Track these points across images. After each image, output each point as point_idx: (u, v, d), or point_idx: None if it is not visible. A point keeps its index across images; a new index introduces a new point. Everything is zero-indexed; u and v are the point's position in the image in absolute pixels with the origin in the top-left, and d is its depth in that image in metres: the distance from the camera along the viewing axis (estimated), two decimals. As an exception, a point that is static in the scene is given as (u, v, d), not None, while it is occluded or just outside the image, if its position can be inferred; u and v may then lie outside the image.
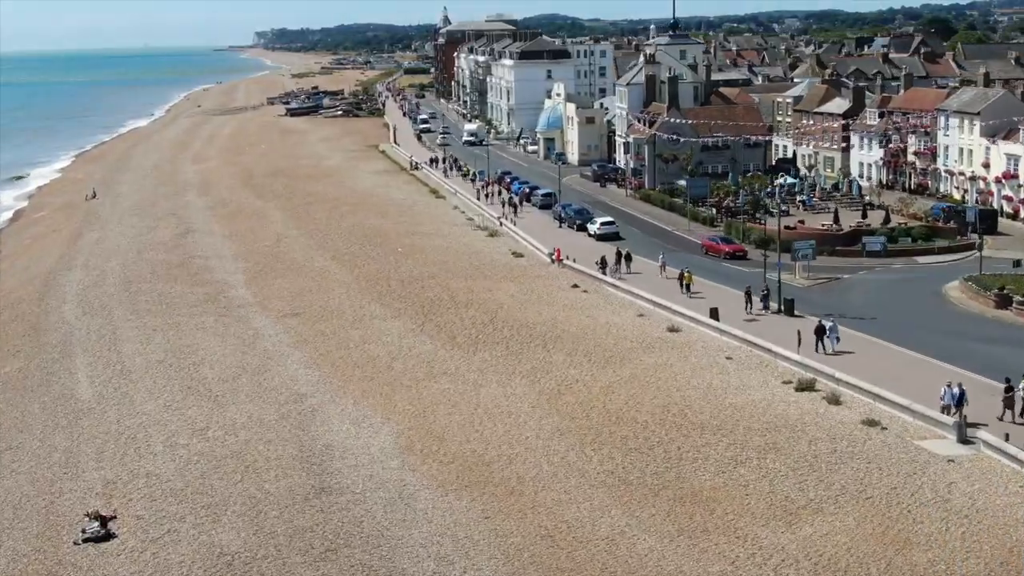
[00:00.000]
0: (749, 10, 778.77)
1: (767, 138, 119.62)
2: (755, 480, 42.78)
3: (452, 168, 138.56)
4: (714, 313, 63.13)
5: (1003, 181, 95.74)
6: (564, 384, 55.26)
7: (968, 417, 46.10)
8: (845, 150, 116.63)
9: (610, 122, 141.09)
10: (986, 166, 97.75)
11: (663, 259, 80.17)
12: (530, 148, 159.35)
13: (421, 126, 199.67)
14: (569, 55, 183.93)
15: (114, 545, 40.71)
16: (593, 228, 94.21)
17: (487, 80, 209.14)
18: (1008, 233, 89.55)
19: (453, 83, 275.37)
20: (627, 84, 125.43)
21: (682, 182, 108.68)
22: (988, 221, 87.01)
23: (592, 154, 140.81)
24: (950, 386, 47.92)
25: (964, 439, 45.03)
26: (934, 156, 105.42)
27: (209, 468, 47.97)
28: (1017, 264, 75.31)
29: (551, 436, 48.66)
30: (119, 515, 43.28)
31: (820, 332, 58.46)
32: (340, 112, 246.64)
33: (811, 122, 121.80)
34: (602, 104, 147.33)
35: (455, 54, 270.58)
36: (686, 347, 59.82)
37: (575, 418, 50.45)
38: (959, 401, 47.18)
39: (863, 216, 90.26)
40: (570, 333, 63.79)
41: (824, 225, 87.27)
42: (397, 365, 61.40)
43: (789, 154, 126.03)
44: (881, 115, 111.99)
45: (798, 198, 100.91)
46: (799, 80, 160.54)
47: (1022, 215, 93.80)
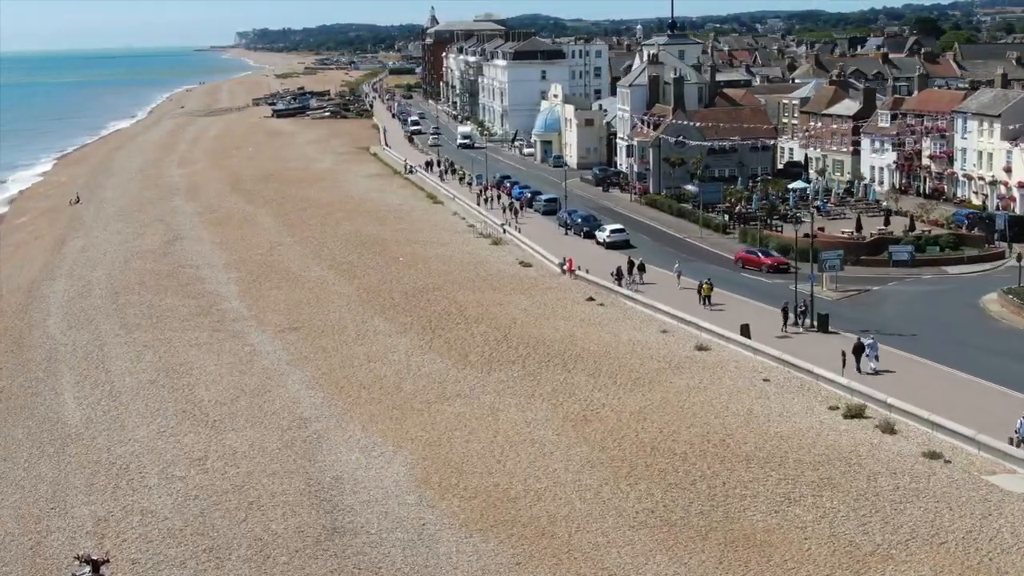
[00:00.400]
0: (731, 10, 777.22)
1: (774, 141, 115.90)
2: (813, 521, 38.96)
3: (448, 172, 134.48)
4: (745, 330, 59.21)
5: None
6: (590, 409, 51.36)
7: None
8: (855, 153, 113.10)
9: (610, 124, 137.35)
10: (1008, 170, 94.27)
11: (678, 268, 76.55)
12: (526, 151, 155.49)
13: (412, 128, 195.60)
14: (564, 55, 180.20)
15: (108, 596, 36.80)
16: (602, 236, 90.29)
17: (479, 81, 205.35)
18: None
19: (442, 84, 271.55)
20: (629, 85, 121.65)
21: (690, 187, 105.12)
22: (1016, 228, 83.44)
23: (591, 157, 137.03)
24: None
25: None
26: (951, 160, 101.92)
27: (209, 504, 44.00)
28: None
29: (581, 468, 44.79)
30: (112, 559, 39.16)
31: (859, 350, 54.76)
32: (328, 113, 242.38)
33: (819, 124, 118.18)
34: (601, 106, 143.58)
35: (443, 54, 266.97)
36: (718, 368, 55.93)
37: (606, 448, 46.56)
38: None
39: (885, 223, 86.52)
40: (591, 351, 59.86)
41: (845, 232, 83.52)
42: (406, 386, 57.49)
43: (795, 157, 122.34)
44: (893, 117, 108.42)
45: (812, 204, 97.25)
46: (801, 81, 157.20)
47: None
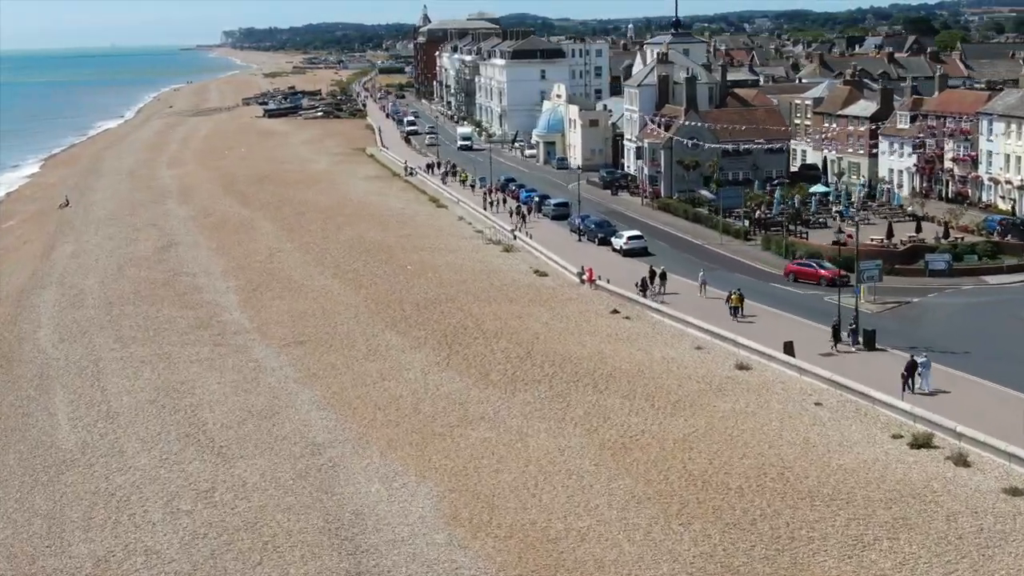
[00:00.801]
0: (717, 10, 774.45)
1: (789, 143, 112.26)
2: (892, 569, 35.26)
3: (449, 174, 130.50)
4: (788, 348, 55.36)
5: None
6: (628, 436, 47.54)
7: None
8: (872, 155, 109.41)
9: (615, 125, 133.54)
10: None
11: (703, 277, 72.81)
12: (527, 152, 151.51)
13: (408, 128, 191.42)
14: (564, 54, 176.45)
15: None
16: (619, 243, 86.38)
17: (475, 80, 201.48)
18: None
19: (435, 83, 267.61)
20: (638, 85, 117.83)
21: (705, 192, 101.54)
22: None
23: (596, 159, 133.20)
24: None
25: None
26: (975, 163, 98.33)
27: (220, 545, 40.22)
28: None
29: (626, 504, 41.01)
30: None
31: (911, 369, 51.07)
32: (320, 113, 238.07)
33: (834, 125, 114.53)
34: (605, 106, 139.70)
35: (436, 53, 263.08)
36: (763, 390, 52.09)
37: (651, 481, 42.77)
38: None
39: (916, 230, 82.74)
40: (622, 370, 55.99)
41: (874, 240, 79.74)
42: (425, 407, 53.66)
43: (808, 159, 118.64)
44: (913, 118, 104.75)
45: (834, 209, 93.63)
46: (809, 81, 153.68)
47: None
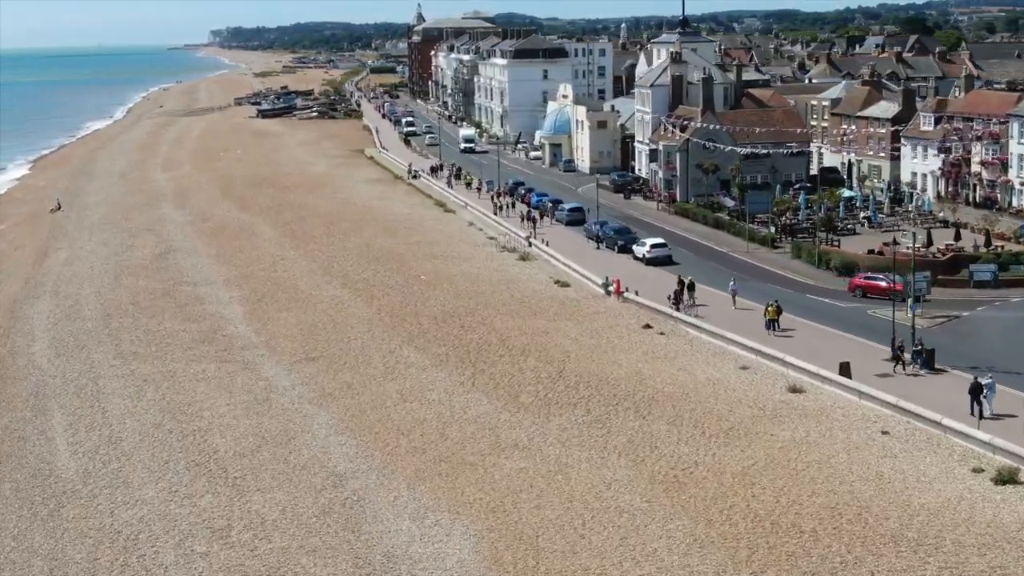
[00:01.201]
0: (706, 10, 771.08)
1: (809, 145, 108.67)
2: (996, 627, 31.59)
3: (455, 177, 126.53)
4: (845, 369, 51.53)
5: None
6: (680, 468, 43.76)
7: None
8: (894, 158, 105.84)
9: (624, 126, 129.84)
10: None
11: (734, 287, 69.09)
12: (532, 154, 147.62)
13: (406, 129, 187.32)
14: (566, 54, 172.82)
15: None
16: (642, 251, 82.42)
17: (474, 80, 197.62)
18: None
19: (430, 83, 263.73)
20: (650, 85, 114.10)
21: (725, 196, 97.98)
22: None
23: (604, 161, 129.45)
24: None
25: None
26: (1004, 167, 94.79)
27: (241, 594, 36.45)
28: None
29: (688, 549, 37.26)
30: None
31: (976, 392, 47.43)
32: (315, 114, 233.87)
33: (853, 127, 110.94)
34: (613, 107, 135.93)
35: (432, 53, 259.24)
36: (822, 416, 48.23)
37: (712, 522, 39.00)
38: None
39: (955, 237, 79.00)
40: (665, 393, 52.15)
41: (909, 248, 75.76)
42: (452, 432, 49.87)
43: (825, 162, 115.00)
44: (937, 120, 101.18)
45: (861, 215, 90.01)
46: (819, 81, 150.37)
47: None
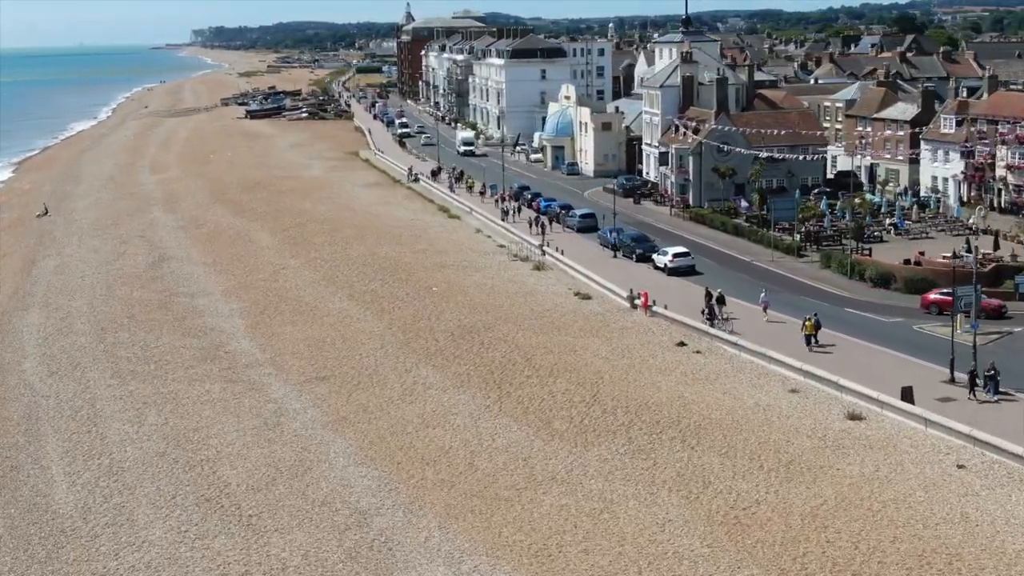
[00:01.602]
0: (691, 10, 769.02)
1: (826, 148, 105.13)
2: None
3: (457, 181, 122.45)
4: (907, 394, 47.71)
5: None
6: (740, 507, 39.96)
7: None
8: (913, 162, 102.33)
9: (629, 128, 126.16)
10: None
11: (765, 299, 65.44)
12: (533, 157, 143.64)
13: (400, 131, 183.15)
14: (564, 53, 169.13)
15: None
16: (663, 260, 78.35)
17: (468, 80, 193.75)
18: None
19: (421, 83, 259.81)
20: (660, 86, 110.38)
21: (742, 201, 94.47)
22: None
23: (609, 164, 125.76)
24: None
25: None
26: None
27: (267, 656, 32.63)
28: None
29: (763, 602, 33.54)
30: None
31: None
32: (305, 114, 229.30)
33: (869, 129, 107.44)
34: (617, 108, 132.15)
35: (422, 52, 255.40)
36: (889, 447, 44.33)
37: (786, 572, 35.26)
38: None
39: (995, 246, 75.25)
40: (712, 419, 48.28)
41: (947, 258, 72.32)
42: (481, 463, 46.06)
43: (839, 165, 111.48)
44: (959, 122, 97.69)
45: (887, 221, 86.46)
46: (826, 81, 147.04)
47: None
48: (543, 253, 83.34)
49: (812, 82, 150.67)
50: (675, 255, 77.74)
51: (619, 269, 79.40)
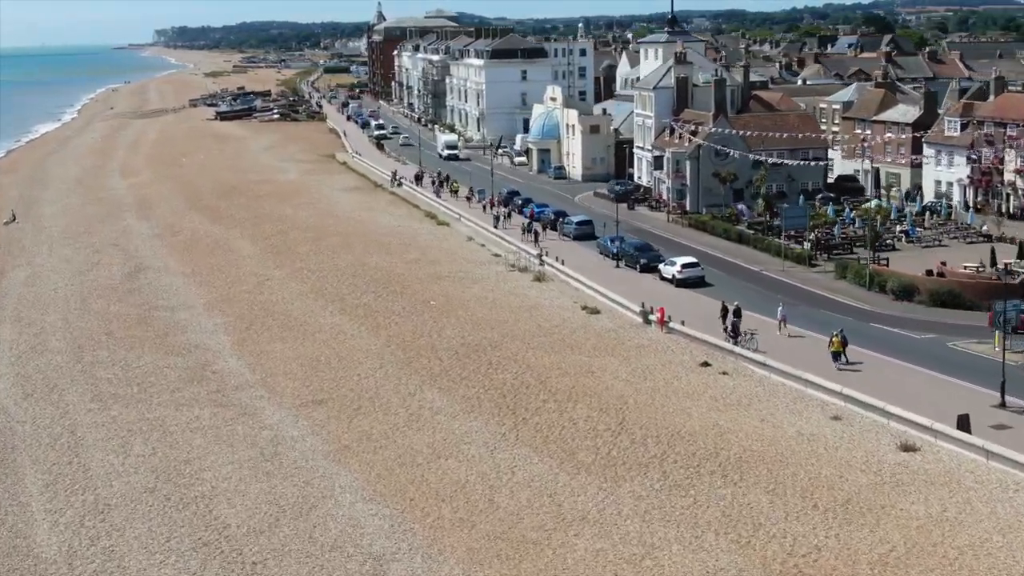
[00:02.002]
0: (654, 10, 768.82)
1: (827, 152, 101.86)
2: None
3: (443, 185, 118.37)
4: (963, 422, 44.04)
5: None
6: (799, 553, 36.28)
7: None
8: (916, 166, 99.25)
9: (617, 131, 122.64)
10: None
11: (782, 313, 61.95)
12: (517, 160, 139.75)
13: (376, 132, 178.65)
14: (546, 54, 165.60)
15: None
16: (671, 271, 74.29)
17: (445, 81, 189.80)
18: None
19: (394, 84, 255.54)
20: (653, 88, 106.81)
21: (743, 207, 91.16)
22: None
23: (598, 168, 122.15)
24: None
25: None
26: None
27: None
28: None
29: (842, 668, 29.90)
30: None
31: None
32: (276, 116, 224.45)
33: (869, 132, 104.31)
34: (605, 110, 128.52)
35: (395, 52, 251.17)
36: (951, 483, 40.56)
37: (864, 630, 31.67)
38: None
39: (1020, 255, 71.70)
40: (753, 451, 44.49)
41: (968, 268, 69.07)
42: (503, 500, 42.28)
43: (837, 169, 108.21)
44: (964, 125, 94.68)
45: (898, 228, 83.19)
46: (815, 83, 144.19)
47: None
48: (542, 263, 79.50)
49: (800, 83, 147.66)
50: (684, 265, 73.82)
51: (623, 280, 75.56)
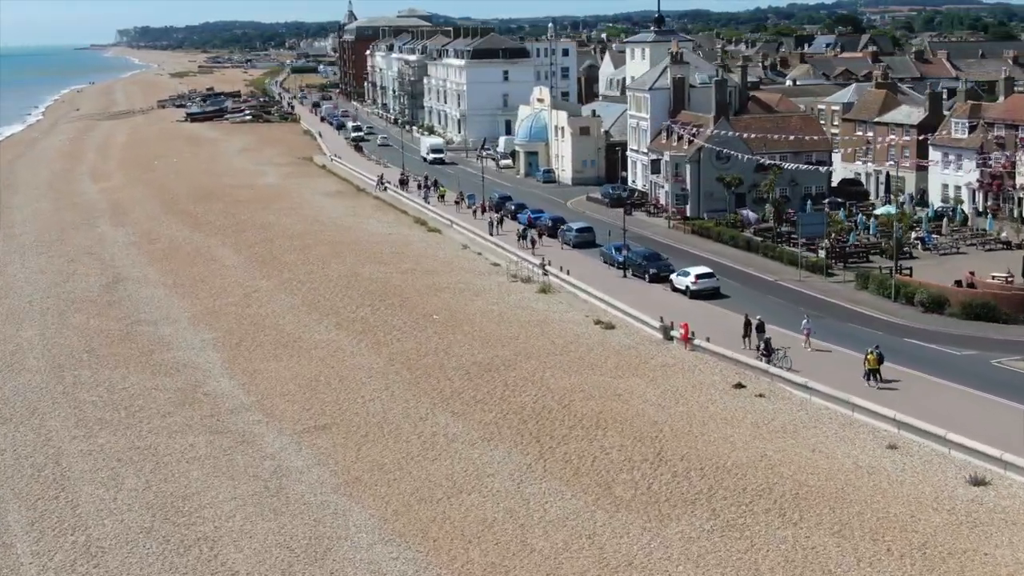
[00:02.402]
0: (619, 10, 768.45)
1: (830, 155, 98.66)
2: None
3: (430, 190, 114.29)
4: (1035, 452, 40.85)
5: None
6: (879, 605, 32.85)
7: None
8: (920, 169, 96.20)
9: (608, 133, 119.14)
10: None
11: (807, 326, 58.52)
12: (503, 163, 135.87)
13: (354, 134, 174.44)
14: (528, 54, 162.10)
15: None
16: (684, 282, 70.35)
17: (423, 82, 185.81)
18: None
19: (367, 84, 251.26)
20: (648, 89, 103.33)
21: (750, 215, 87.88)
22: None
23: (588, 172, 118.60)
24: None
25: None
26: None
27: None
28: None
29: None
30: None
31: None
32: (248, 117, 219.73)
33: (871, 134, 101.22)
34: (595, 111, 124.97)
35: (368, 52, 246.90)
36: (1034, 521, 37.44)
37: None
38: None
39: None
40: (810, 486, 40.82)
41: (997, 278, 65.90)
42: (536, 541, 38.61)
43: (838, 173, 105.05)
44: (971, 127, 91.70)
45: (913, 235, 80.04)
46: (805, 83, 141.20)
47: None
48: (545, 273, 75.76)
49: (789, 83, 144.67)
50: (698, 276, 70.02)
51: (633, 291, 71.90)
